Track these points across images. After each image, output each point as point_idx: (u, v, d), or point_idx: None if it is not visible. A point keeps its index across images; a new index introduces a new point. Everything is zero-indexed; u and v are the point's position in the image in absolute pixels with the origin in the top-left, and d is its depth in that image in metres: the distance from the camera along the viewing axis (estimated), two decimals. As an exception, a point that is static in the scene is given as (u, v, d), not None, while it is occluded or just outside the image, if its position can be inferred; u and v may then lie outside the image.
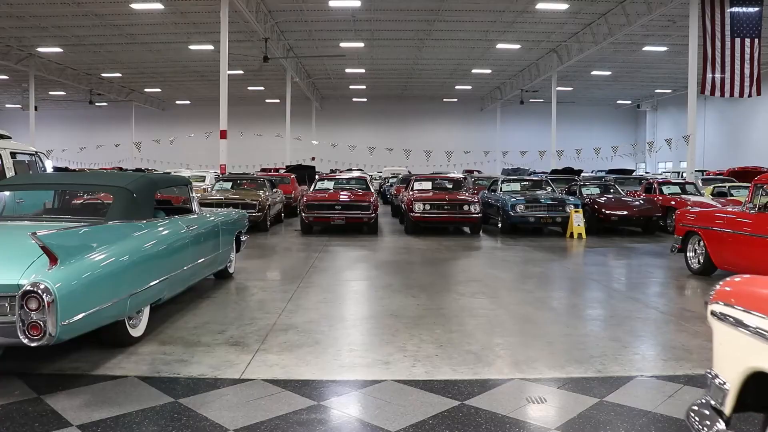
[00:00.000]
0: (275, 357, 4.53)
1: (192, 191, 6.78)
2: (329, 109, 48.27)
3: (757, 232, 7.05)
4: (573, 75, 36.13)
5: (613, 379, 4.08)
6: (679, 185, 15.95)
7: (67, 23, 25.50)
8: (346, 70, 35.36)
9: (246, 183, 16.42)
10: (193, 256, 5.81)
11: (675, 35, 25.82)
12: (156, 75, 37.58)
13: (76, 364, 4.26)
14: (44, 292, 3.49)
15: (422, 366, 4.35)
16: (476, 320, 5.74)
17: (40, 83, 36.06)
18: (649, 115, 49.36)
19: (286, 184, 19.10)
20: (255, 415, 3.44)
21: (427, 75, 38.13)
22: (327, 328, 5.44)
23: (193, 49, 29.42)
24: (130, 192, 5.16)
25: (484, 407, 3.58)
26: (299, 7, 23.93)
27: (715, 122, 37.91)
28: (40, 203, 6.83)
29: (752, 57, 17.22)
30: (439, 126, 48.38)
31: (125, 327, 4.57)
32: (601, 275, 8.57)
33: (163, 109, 50.09)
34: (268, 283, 7.76)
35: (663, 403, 3.65)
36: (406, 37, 28.16)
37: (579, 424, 3.36)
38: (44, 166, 9.70)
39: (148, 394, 3.74)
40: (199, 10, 23.64)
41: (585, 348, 4.84)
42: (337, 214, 13.38)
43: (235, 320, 5.64)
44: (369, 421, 3.41)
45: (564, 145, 34.94)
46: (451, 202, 13.38)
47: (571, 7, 23.49)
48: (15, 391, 3.72)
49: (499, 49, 30.12)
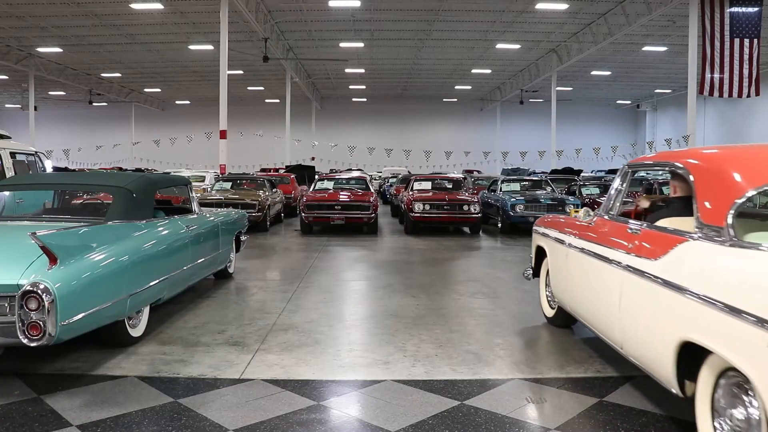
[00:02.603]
0: (275, 357, 4.53)
1: (192, 191, 6.78)
2: (329, 109, 48.26)
3: None
4: (573, 75, 36.13)
5: (613, 379, 4.08)
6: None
7: (67, 23, 25.48)
8: (345, 70, 35.36)
9: (246, 183, 16.43)
10: (192, 256, 5.81)
11: (675, 35, 25.82)
12: (156, 75, 37.56)
13: (75, 364, 4.26)
14: (44, 292, 3.49)
15: (422, 366, 4.35)
16: (476, 320, 5.74)
17: (40, 83, 36.04)
18: (648, 115, 49.37)
19: (285, 184, 19.10)
20: (255, 415, 3.44)
21: (427, 75, 38.11)
22: (327, 328, 5.44)
23: (193, 49, 29.41)
24: (130, 192, 5.16)
25: (484, 407, 3.58)
26: (299, 7, 23.93)
27: (715, 122, 37.93)
28: (40, 203, 6.82)
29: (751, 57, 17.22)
30: (438, 126, 48.37)
31: (125, 327, 4.57)
32: (600, 275, 8.56)
33: (163, 109, 50.08)
34: (267, 283, 7.76)
35: (662, 403, 3.65)
36: (406, 37, 28.15)
37: (579, 424, 3.36)
38: (44, 166, 9.70)
39: (147, 394, 3.74)
40: (199, 10, 23.63)
41: (585, 348, 4.84)
42: (337, 214, 13.38)
43: (234, 320, 5.64)
44: (369, 421, 3.41)
45: (564, 145, 34.91)
46: (451, 202, 13.38)
47: (570, 7, 23.49)
48: (15, 391, 3.72)
49: (498, 49, 30.11)
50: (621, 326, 3.60)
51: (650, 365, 3.25)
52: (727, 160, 3.20)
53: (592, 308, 4.18)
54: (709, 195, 3.05)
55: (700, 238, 3.00)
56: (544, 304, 5.69)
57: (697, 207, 3.10)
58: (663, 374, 3.08)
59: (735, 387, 2.62)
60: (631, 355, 3.52)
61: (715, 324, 2.59)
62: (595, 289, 4.12)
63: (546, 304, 5.64)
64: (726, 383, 2.68)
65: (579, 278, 4.50)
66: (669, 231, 3.34)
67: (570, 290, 4.74)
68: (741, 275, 2.62)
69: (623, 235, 3.78)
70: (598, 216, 4.44)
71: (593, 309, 4.16)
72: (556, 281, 5.13)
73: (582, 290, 4.43)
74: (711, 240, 2.92)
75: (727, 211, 2.86)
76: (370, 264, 9.40)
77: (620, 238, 3.79)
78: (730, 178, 2.98)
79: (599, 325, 4.05)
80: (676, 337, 2.89)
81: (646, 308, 3.26)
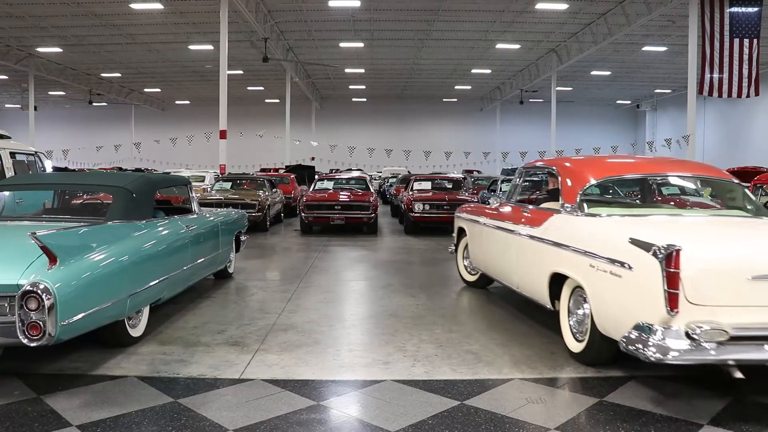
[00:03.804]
0: (275, 357, 4.53)
1: (191, 191, 6.78)
2: (329, 109, 48.24)
3: None
4: (572, 75, 36.11)
5: (613, 379, 4.08)
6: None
7: (67, 23, 25.47)
8: (345, 70, 35.35)
9: (246, 183, 16.43)
10: (192, 256, 5.81)
11: (674, 35, 25.81)
12: (156, 75, 37.54)
13: (75, 364, 4.26)
14: (44, 292, 3.49)
15: (422, 366, 4.35)
16: (476, 320, 5.74)
17: (40, 83, 36.02)
18: (648, 115, 49.33)
19: (285, 184, 19.10)
20: (255, 415, 3.44)
21: (427, 75, 38.10)
22: (327, 328, 5.44)
23: (193, 49, 29.40)
24: (130, 192, 5.16)
25: (484, 407, 3.58)
26: (299, 7, 23.92)
27: (715, 122, 37.91)
28: (39, 203, 6.82)
29: (751, 57, 17.22)
30: (438, 126, 48.34)
31: (125, 327, 4.57)
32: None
33: (163, 109, 50.06)
34: (267, 283, 7.76)
35: (662, 403, 3.65)
36: (406, 37, 28.14)
37: (579, 424, 3.36)
38: (44, 166, 9.69)
39: (147, 394, 3.74)
40: (199, 10, 23.62)
41: (585, 348, 4.84)
42: (337, 214, 13.38)
43: (234, 320, 5.64)
44: (369, 421, 3.41)
45: (564, 145, 34.88)
46: (451, 202, 13.37)
47: (570, 7, 23.48)
48: (15, 391, 3.72)
49: (498, 49, 30.11)
50: (518, 274, 5.49)
51: (534, 294, 5.13)
52: (578, 165, 5.34)
53: (500, 266, 5.99)
54: (568, 185, 4.91)
55: (563, 212, 4.84)
56: (463, 273, 7.43)
57: (561, 193, 4.96)
58: (542, 298, 4.94)
59: (579, 297, 4.46)
60: (523, 291, 5.41)
61: (570, 260, 4.40)
62: (501, 252, 5.88)
63: (465, 272, 7.38)
64: (575, 297, 4.55)
65: (491, 247, 6.23)
66: (545, 209, 5.20)
67: (485, 256, 6.47)
68: (584, 231, 4.43)
69: (519, 214, 5.58)
70: (503, 203, 6.24)
71: (501, 266, 5.96)
72: (474, 252, 6.85)
73: (493, 255, 6.18)
74: (569, 213, 4.76)
75: (577, 195, 4.74)
76: (370, 264, 9.40)
77: (517, 217, 5.61)
78: (579, 175, 4.92)
79: (504, 277, 5.89)
80: (548, 271, 4.73)
81: (533, 258, 5.12)
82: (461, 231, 7.33)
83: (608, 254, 3.90)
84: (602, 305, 4.01)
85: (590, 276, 4.09)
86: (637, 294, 3.62)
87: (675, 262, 3.37)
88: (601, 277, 3.95)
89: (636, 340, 3.50)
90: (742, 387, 3.88)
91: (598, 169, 5.07)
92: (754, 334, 3.41)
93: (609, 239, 4.07)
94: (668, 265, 3.37)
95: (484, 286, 7.11)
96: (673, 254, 3.38)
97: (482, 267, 6.62)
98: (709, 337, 3.32)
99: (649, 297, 3.49)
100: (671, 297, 3.36)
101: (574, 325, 4.53)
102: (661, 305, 3.39)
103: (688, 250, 3.42)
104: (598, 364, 4.28)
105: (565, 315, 4.63)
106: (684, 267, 3.38)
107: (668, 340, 3.36)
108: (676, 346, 3.33)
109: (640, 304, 3.58)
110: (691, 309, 3.39)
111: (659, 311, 3.41)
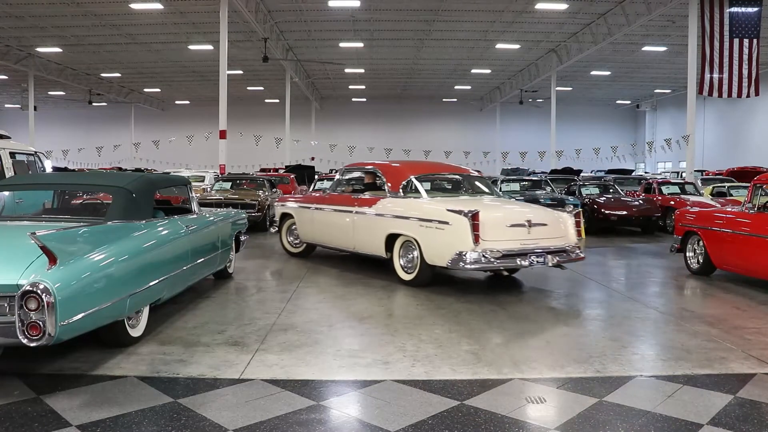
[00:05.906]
0: (275, 357, 4.53)
1: (191, 191, 6.77)
2: (328, 109, 48.22)
3: (756, 232, 7.05)
4: (572, 75, 36.10)
5: (613, 379, 4.08)
6: (678, 185, 15.94)
7: (67, 23, 25.45)
8: (345, 70, 35.33)
9: (245, 183, 16.42)
10: (192, 256, 5.81)
11: (674, 35, 25.81)
12: (155, 75, 37.52)
13: (75, 364, 4.26)
14: (43, 292, 3.49)
15: (422, 366, 4.35)
16: (476, 320, 5.74)
17: (40, 83, 35.99)
18: (648, 115, 49.33)
19: (285, 184, 19.10)
20: (254, 415, 3.44)
21: (427, 75, 38.08)
22: (326, 328, 5.44)
23: (193, 49, 29.40)
24: (130, 192, 5.16)
25: (484, 407, 3.58)
26: (299, 7, 23.91)
27: (715, 122, 37.90)
28: (39, 203, 6.81)
29: (751, 57, 17.23)
30: (438, 126, 48.31)
31: (125, 327, 4.57)
32: (600, 275, 8.58)
33: (163, 109, 50.03)
34: (267, 283, 7.76)
35: (662, 403, 3.65)
36: (406, 37, 28.13)
37: (579, 424, 3.36)
38: (43, 166, 9.69)
39: (147, 394, 3.74)
40: (199, 10, 23.61)
41: (584, 348, 4.85)
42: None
43: (234, 320, 5.64)
44: (368, 421, 3.41)
45: (563, 145, 34.85)
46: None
47: (570, 7, 23.47)
48: (15, 391, 3.72)
49: (498, 49, 30.10)
50: (354, 241, 8.21)
51: (371, 250, 7.92)
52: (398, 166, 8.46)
53: (332, 238, 8.75)
54: (393, 180, 7.93)
55: (389, 197, 7.81)
56: (287, 246, 9.93)
57: (387, 185, 7.95)
58: (379, 251, 7.69)
59: (408, 247, 7.32)
60: (360, 250, 8.23)
61: (400, 224, 7.35)
62: (335, 227, 8.58)
63: (289, 246, 9.90)
64: (405, 246, 7.39)
65: (323, 224, 8.87)
66: (373, 196, 8.11)
67: (315, 232, 9.11)
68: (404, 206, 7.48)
69: (350, 200, 8.38)
70: (330, 192, 9.06)
71: (333, 238, 8.73)
72: (303, 230, 9.37)
73: (324, 230, 8.88)
74: (394, 196, 7.75)
75: (400, 185, 7.79)
76: (370, 264, 9.38)
77: (349, 201, 8.38)
78: (401, 172, 8.07)
79: (338, 245, 8.73)
80: (384, 234, 7.54)
81: (369, 228, 7.87)
82: (284, 216, 9.82)
83: (436, 218, 6.83)
84: (431, 248, 6.88)
85: (422, 232, 6.98)
86: (455, 238, 6.53)
87: (476, 219, 6.45)
88: (431, 232, 6.85)
89: (457, 260, 6.50)
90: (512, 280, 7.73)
91: (410, 170, 8.18)
92: (512, 253, 6.60)
93: (434, 210, 7.02)
94: (474, 220, 6.44)
95: (306, 255, 9.68)
96: (477, 214, 6.46)
97: (313, 240, 9.23)
98: (492, 256, 6.45)
99: (463, 238, 6.47)
100: (475, 237, 6.43)
101: (404, 264, 7.39)
102: (470, 241, 6.43)
103: (481, 213, 6.51)
104: (421, 285, 7.15)
105: (397, 260, 7.46)
106: (481, 221, 6.46)
107: (474, 257, 6.42)
108: (478, 260, 6.43)
109: (458, 242, 6.50)
110: (483, 243, 6.47)
111: (469, 244, 6.44)
